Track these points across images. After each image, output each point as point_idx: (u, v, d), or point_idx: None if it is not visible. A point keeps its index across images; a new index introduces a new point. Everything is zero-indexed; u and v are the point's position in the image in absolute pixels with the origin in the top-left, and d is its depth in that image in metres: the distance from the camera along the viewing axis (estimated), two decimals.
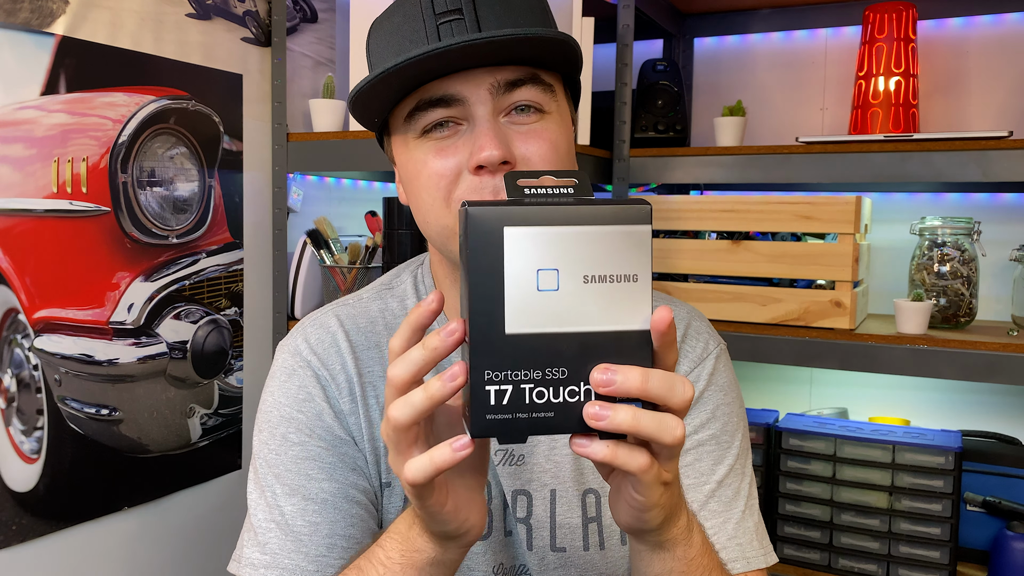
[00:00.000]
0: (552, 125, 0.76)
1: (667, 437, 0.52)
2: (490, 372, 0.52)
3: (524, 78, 0.74)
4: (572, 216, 0.51)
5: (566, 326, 0.52)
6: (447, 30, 0.73)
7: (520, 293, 0.51)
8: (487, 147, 0.72)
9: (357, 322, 0.87)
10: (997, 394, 1.70)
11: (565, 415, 0.52)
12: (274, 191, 1.80)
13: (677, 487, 0.61)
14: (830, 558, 1.52)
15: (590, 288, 0.52)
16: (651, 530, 0.62)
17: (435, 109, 0.74)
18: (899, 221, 1.72)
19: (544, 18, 0.78)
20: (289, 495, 0.81)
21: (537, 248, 0.51)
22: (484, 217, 0.51)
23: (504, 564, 0.85)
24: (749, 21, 1.90)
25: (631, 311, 0.52)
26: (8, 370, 1.34)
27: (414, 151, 0.77)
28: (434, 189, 0.76)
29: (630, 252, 0.52)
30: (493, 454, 0.84)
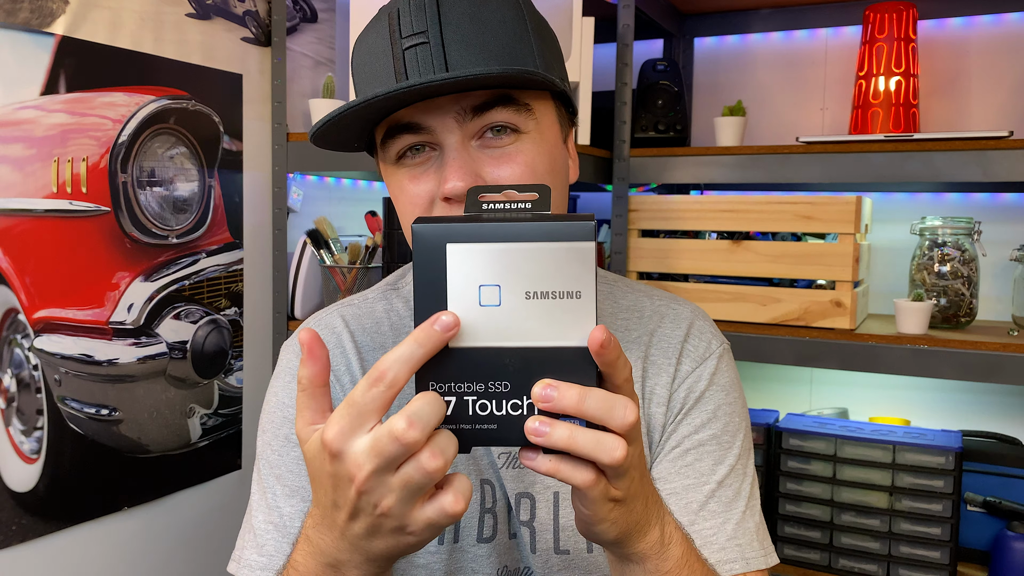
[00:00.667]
0: (528, 145, 0.75)
1: (605, 457, 0.52)
2: (434, 383, 0.53)
3: (492, 100, 0.73)
4: (514, 232, 0.52)
5: (508, 341, 0.52)
6: (412, 56, 0.72)
7: (462, 308, 0.52)
8: (451, 178, 0.72)
9: (362, 323, 0.87)
10: (997, 394, 1.70)
11: (508, 428, 0.53)
12: (274, 191, 1.80)
13: (641, 503, 0.60)
14: (830, 558, 1.52)
15: (532, 304, 0.52)
16: (607, 542, 0.62)
17: (404, 135, 0.74)
18: (899, 221, 1.72)
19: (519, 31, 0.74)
20: (289, 496, 0.81)
21: (479, 264, 0.52)
22: (428, 234, 0.52)
23: (508, 567, 0.85)
24: (749, 21, 1.90)
25: (573, 327, 0.52)
26: (8, 370, 1.34)
27: (392, 176, 0.78)
28: (410, 215, 0.76)
29: (572, 268, 0.51)
30: (496, 457, 0.84)
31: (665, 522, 0.66)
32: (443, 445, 0.52)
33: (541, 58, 0.75)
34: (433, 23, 0.72)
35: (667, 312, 0.90)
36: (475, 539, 0.84)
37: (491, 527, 0.85)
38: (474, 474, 0.84)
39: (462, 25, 0.72)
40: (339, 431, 0.52)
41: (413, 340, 0.51)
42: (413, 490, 0.52)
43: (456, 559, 0.84)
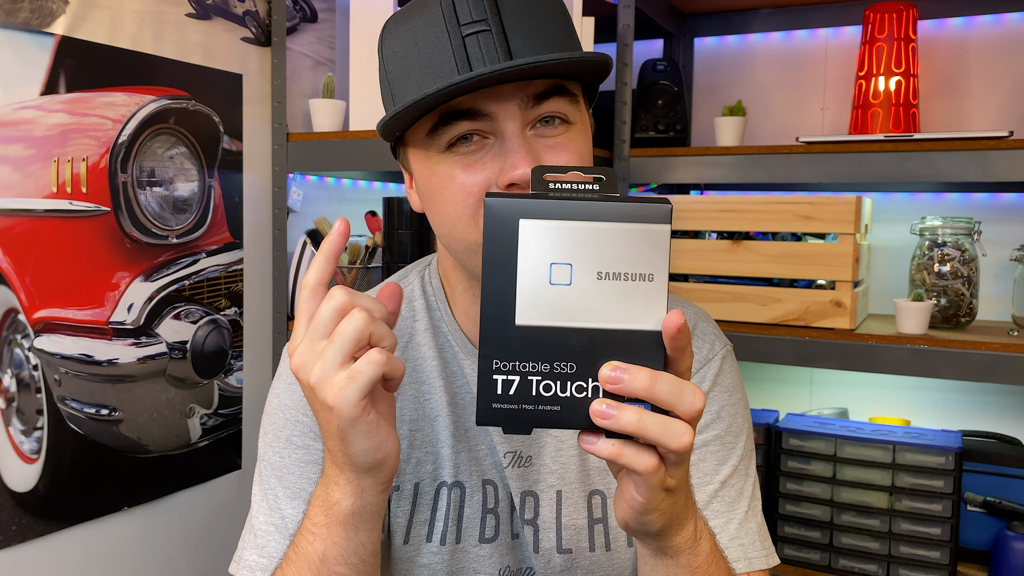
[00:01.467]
0: (578, 135, 0.75)
1: (673, 443, 0.51)
2: (498, 361, 0.52)
3: (551, 89, 0.73)
4: (589, 211, 0.51)
5: (576, 321, 0.52)
6: (473, 43, 0.71)
7: (532, 285, 0.51)
8: (520, 165, 0.70)
9: None
10: (997, 394, 1.70)
11: (571, 410, 0.52)
12: (274, 191, 1.80)
13: (684, 495, 0.60)
14: (830, 558, 1.52)
15: (603, 285, 0.51)
16: (650, 534, 0.61)
17: (460, 122, 0.72)
18: (899, 221, 1.72)
19: (564, 22, 0.76)
20: (291, 498, 0.81)
21: (551, 242, 0.51)
22: (501, 208, 0.51)
23: (511, 567, 0.85)
24: (749, 21, 1.90)
25: (644, 311, 0.51)
26: (8, 370, 1.34)
27: (438, 165, 0.75)
28: (461, 205, 0.74)
29: (646, 251, 0.51)
30: (502, 456, 0.84)
31: (697, 516, 0.66)
32: (356, 314, 0.58)
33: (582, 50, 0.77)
34: (492, 10, 0.71)
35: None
36: (477, 539, 0.84)
37: (493, 527, 0.85)
38: (476, 475, 0.84)
39: (520, 13, 0.72)
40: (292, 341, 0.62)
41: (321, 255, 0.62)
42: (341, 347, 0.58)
43: (458, 559, 0.84)
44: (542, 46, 0.72)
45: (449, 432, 0.84)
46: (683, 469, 0.56)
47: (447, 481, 0.84)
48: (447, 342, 0.86)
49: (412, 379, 0.85)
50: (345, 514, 0.66)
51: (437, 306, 0.87)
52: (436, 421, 0.84)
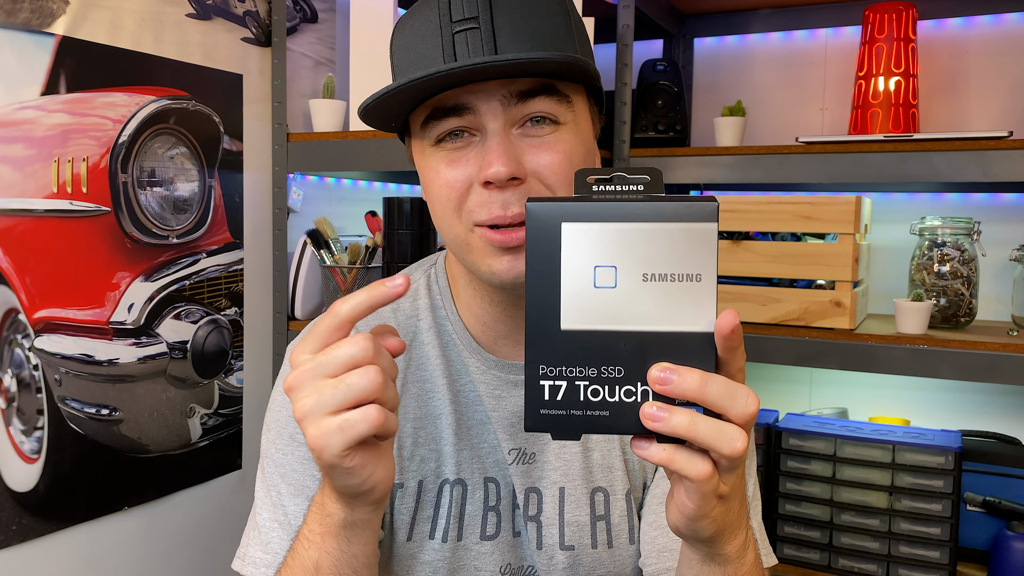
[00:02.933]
0: (567, 136, 0.75)
1: (726, 448, 0.50)
2: (544, 367, 0.51)
3: (537, 88, 0.73)
4: (632, 213, 0.50)
5: (623, 324, 0.51)
6: (462, 40, 0.72)
7: (577, 289, 0.51)
8: (495, 163, 0.71)
9: (369, 323, 0.87)
10: (997, 394, 1.70)
11: (620, 415, 0.51)
12: (274, 191, 1.80)
13: (738, 503, 0.58)
14: (830, 558, 1.52)
15: (649, 287, 0.50)
16: (700, 540, 0.60)
17: (448, 119, 0.74)
18: (899, 221, 1.72)
19: (564, 23, 0.76)
20: (294, 495, 0.81)
21: (595, 244, 0.51)
22: (542, 212, 0.51)
23: (512, 564, 0.85)
24: (749, 21, 1.90)
25: (693, 312, 0.50)
26: (8, 370, 1.34)
27: (429, 158, 0.77)
28: (445, 199, 0.75)
29: (693, 250, 0.50)
30: (507, 454, 0.85)
31: (748, 526, 0.64)
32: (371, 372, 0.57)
33: (583, 52, 0.76)
34: (484, 8, 0.72)
35: None
36: (478, 537, 0.85)
37: (495, 525, 0.85)
38: (478, 472, 0.85)
39: (512, 11, 0.72)
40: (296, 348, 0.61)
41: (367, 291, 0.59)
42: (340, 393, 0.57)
43: (459, 557, 0.84)
44: (531, 45, 0.72)
45: (452, 430, 0.84)
46: (736, 475, 0.54)
47: (449, 478, 0.84)
48: (451, 340, 0.86)
49: (416, 377, 0.85)
50: (337, 526, 0.66)
51: (442, 304, 0.88)
52: (439, 419, 0.84)
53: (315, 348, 0.59)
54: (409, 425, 0.84)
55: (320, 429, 0.57)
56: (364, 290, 0.59)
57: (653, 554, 0.84)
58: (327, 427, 0.57)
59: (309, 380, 0.57)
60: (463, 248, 0.77)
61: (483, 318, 0.85)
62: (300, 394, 0.58)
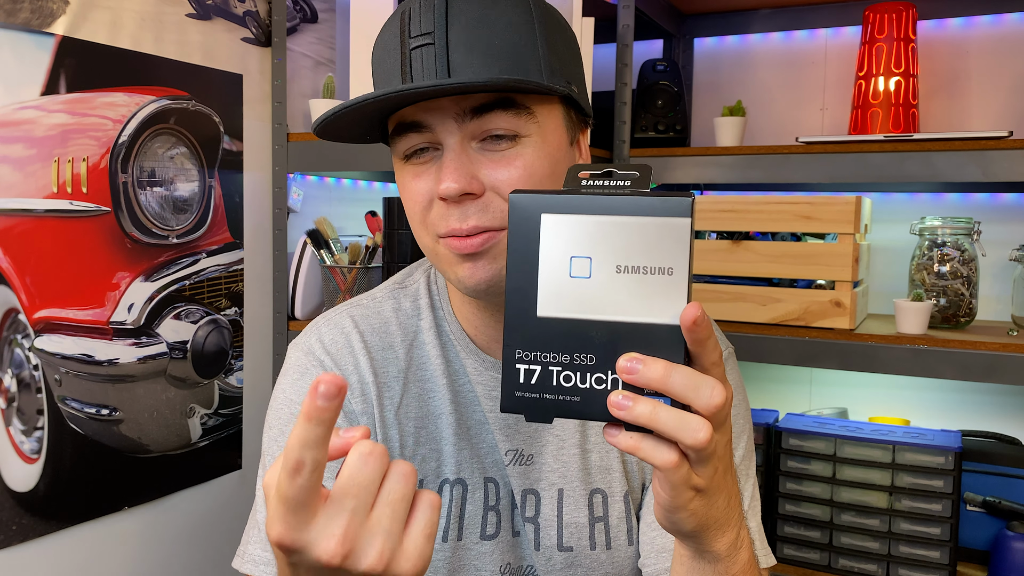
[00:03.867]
0: (527, 150, 0.74)
1: (688, 438, 0.51)
2: (520, 351, 0.53)
3: (493, 103, 0.73)
4: (609, 206, 0.52)
5: (596, 314, 0.52)
6: (417, 56, 0.73)
7: (553, 278, 0.53)
8: (446, 179, 0.73)
9: (371, 323, 0.88)
10: (997, 394, 1.70)
11: (591, 401, 0.53)
12: (274, 191, 1.80)
13: (724, 500, 0.58)
14: (830, 558, 1.52)
15: (622, 278, 0.52)
16: (684, 534, 0.60)
17: (410, 134, 0.75)
18: (899, 221, 1.72)
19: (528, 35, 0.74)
20: None
21: (572, 235, 0.52)
22: (524, 203, 0.53)
23: (511, 564, 0.86)
24: (749, 21, 1.90)
25: (663, 304, 0.51)
26: (8, 370, 1.34)
27: (400, 171, 0.79)
28: (412, 212, 0.78)
29: (666, 244, 0.51)
30: (504, 454, 0.85)
31: (741, 525, 0.64)
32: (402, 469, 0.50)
33: (546, 62, 0.75)
34: (440, 24, 0.72)
35: None
36: (478, 536, 0.85)
37: (494, 524, 0.85)
38: (478, 472, 0.85)
39: (468, 27, 0.72)
40: (286, 529, 0.48)
41: (304, 419, 0.46)
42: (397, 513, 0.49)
43: (459, 556, 0.84)
44: (484, 60, 0.72)
45: (452, 430, 0.84)
46: (711, 469, 0.54)
47: (449, 478, 0.84)
48: (449, 341, 0.87)
49: (417, 377, 0.86)
50: None
51: (441, 305, 0.88)
52: (439, 419, 0.85)
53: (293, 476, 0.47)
54: (410, 424, 0.84)
55: (412, 558, 0.50)
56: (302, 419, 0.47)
57: (652, 554, 0.84)
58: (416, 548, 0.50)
59: (359, 533, 0.48)
60: (434, 258, 0.79)
61: (474, 321, 0.86)
62: (363, 553, 0.48)
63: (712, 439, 0.51)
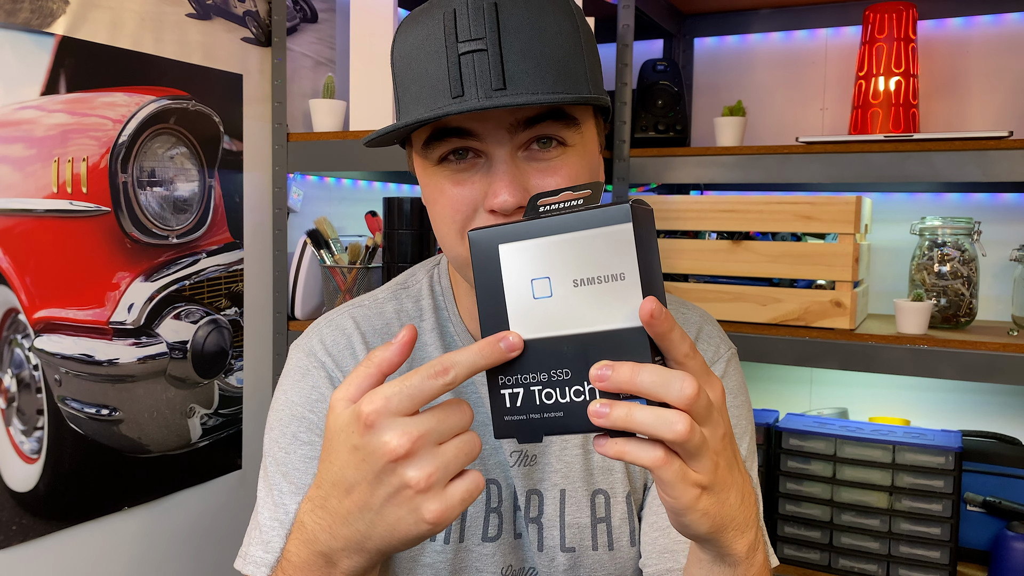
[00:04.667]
0: (573, 158, 0.75)
1: (666, 432, 0.51)
2: (502, 376, 0.56)
3: (545, 114, 0.72)
4: (556, 226, 0.54)
5: (563, 329, 0.54)
6: (468, 63, 0.70)
7: (519, 302, 0.55)
8: (501, 192, 0.71)
9: (373, 323, 0.87)
10: (997, 394, 1.70)
11: (573, 414, 0.54)
12: (274, 191, 1.80)
13: (735, 497, 0.58)
14: (830, 558, 1.52)
15: (580, 291, 0.54)
16: (701, 537, 0.59)
17: (450, 139, 0.73)
18: (899, 221, 1.72)
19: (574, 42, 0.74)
20: (295, 494, 0.81)
21: (529, 260, 0.55)
22: (482, 238, 0.56)
23: (513, 566, 0.86)
24: (749, 21, 1.90)
25: (622, 309, 0.53)
26: (8, 370, 1.34)
27: (432, 176, 0.76)
28: (450, 220, 0.75)
29: (613, 252, 0.53)
30: (508, 455, 0.85)
31: (758, 526, 0.64)
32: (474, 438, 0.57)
33: (590, 72, 0.75)
34: (492, 29, 0.70)
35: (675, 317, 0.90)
36: (480, 538, 0.85)
37: (496, 526, 0.85)
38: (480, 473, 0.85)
39: (521, 34, 0.70)
40: (383, 407, 0.54)
41: (479, 351, 0.55)
42: (459, 462, 0.55)
43: (461, 558, 0.84)
44: (539, 70, 0.70)
45: None
46: (710, 463, 0.54)
47: None
48: (453, 341, 0.87)
49: None
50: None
51: (444, 306, 0.88)
52: None
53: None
54: None
55: (444, 503, 0.56)
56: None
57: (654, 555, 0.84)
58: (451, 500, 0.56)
59: (426, 448, 0.55)
60: (464, 270, 0.78)
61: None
62: (420, 463, 0.55)
63: (692, 430, 0.51)
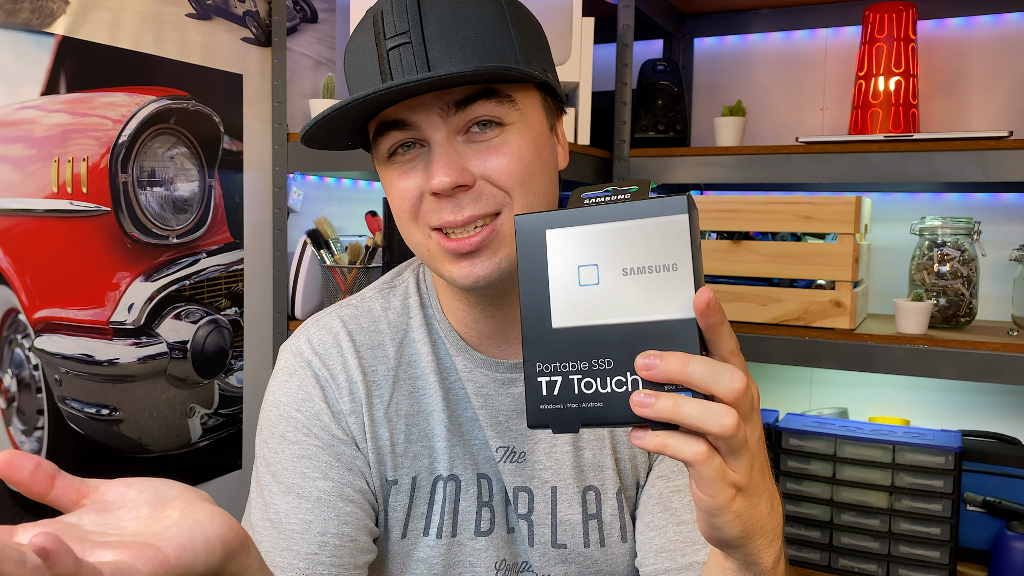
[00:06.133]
0: (514, 136, 0.76)
1: (713, 425, 0.50)
2: (540, 364, 0.55)
3: (475, 94, 0.74)
4: (608, 214, 0.54)
5: (609, 318, 0.54)
6: (396, 56, 0.73)
7: (564, 289, 0.54)
8: (438, 173, 0.73)
9: (360, 322, 0.88)
10: (997, 394, 1.70)
11: (613, 405, 0.53)
12: (274, 191, 1.80)
13: (766, 502, 0.57)
14: (830, 558, 1.52)
15: (629, 280, 0.53)
16: (729, 542, 0.57)
17: (393, 132, 0.76)
18: (899, 221, 1.72)
19: (499, 24, 0.75)
20: (284, 493, 0.81)
21: (577, 246, 0.54)
22: (529, 223, 0.55)
23: (507, 560, 0.86)
24: (749, 21, 1.90)
25: (672, 300, 0.52)
26: (8, 370, 1.34)
27: (384, 171, 0.79)
28: (400, 210, 0.78)
29: (667, 242, 0.52)
30: (495, 451, 0.85)
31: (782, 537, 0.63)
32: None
33: (522, 51, 0.76)
34: (415, 22, 0.73)
35: None
36: (473, 533, 0.85)
37: (488, 520, 0.85)
38: (471, 469, 0.85)
39: (443, 22, 0.73)
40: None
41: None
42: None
43: (454, 553, 0.85)
44: (462, 52, 0.73)
45: (444, 427, 0.85)
46: (747, 463, 0.53)
47: (442, 475, 0.85)
48: (439, 338, 0.87)
49: (407, 374, 0.86)
50: None
51: (430, 303, 0.88)
52: (431, 416, 0.85)
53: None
54: (401, 422, 0.85)
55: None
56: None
57: (651, 554, 0.84)
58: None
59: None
60: (426, 255, 0.80)
61: (464, 319, 0.86)
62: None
63: (739, 426, 0.51)
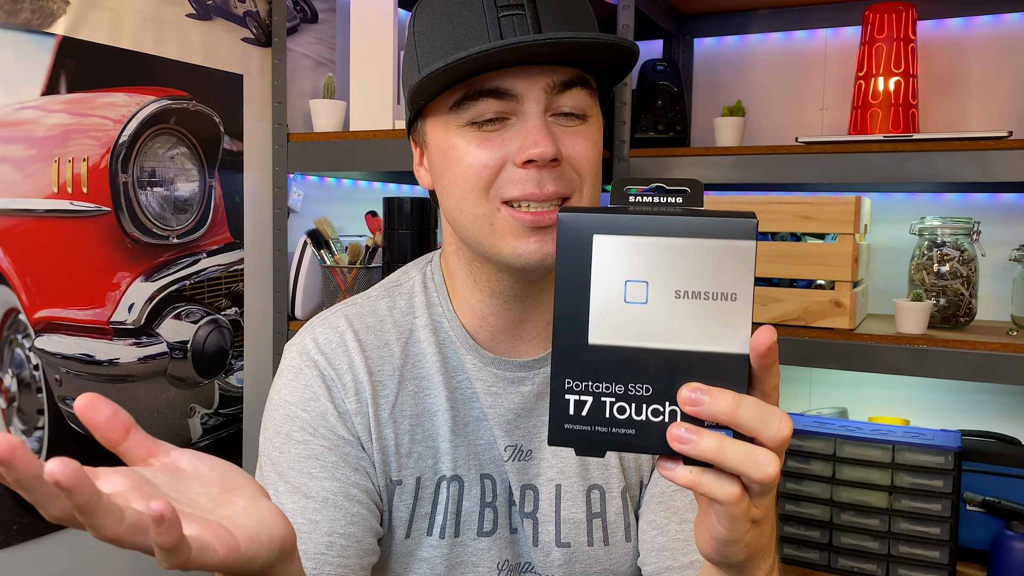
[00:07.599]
0: (593, 128, 0.78)
1: (756, 473, 0.48)
2: (570, 381, 0.50)
3: (575, 80, 0.76)
4: (667, 226, 0.49)
5: (653, 342, 0.49)
6: (509, 24, 0.74)
7: (606, 303, 0.49)
8: (540, 143, 0.73)
9: (366, 321, 0.87)
10: (997, 394, 1.70)
11: (646, 434, 0.50)
12: (274, 191, 1.80)
13: (769, 527, 0.57)
14: (830, 558, 1.52)
15: (682, 304, 0.49)
16: (731, 565, 0.58)
17: (486, 100, 0.75)
18: (899, 221, 1.72)
19: (592, 21, 0.80)
20: (291, 493, 0.81)
21: (627, 258, 0.49)
22: (574, 223, 0.50)
23: (509, 561, 0.86)
24: (749, 21, 1.90)
25: (726, 332, 0.48)
26: (8, 370, 1.34)
27: (455, 139, 0.77)
28: (474, 178, 0.76)
29: (729, 268, 0.48)
30: (503, 450, 0.85)
31: (775, 549, 0.63)
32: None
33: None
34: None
35: None
36: (475, 533, 0.85)
37: (491, 521, 0.85)
38: (475, 469, 0.85)
39: (554, 5, 0.76)
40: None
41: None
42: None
43: (457, 553, 0.85)
44: (573, 27, 0.76)
45: (448, 427, 0.84)
46: (769, 499, 0.52)
47: (446, 475, 0.85)
48: (448, 337, 0.87)
49: (412, 375, 0.86)
50: None
51: (438, 302, 0.88)
52: (435, 416, 0.85)
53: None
54: (406, 422, 0.84)
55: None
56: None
57: (652, 553, 0.85)
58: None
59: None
60: (485, 230, 0.77)
61: (481, 312, 0.85)
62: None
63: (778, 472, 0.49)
